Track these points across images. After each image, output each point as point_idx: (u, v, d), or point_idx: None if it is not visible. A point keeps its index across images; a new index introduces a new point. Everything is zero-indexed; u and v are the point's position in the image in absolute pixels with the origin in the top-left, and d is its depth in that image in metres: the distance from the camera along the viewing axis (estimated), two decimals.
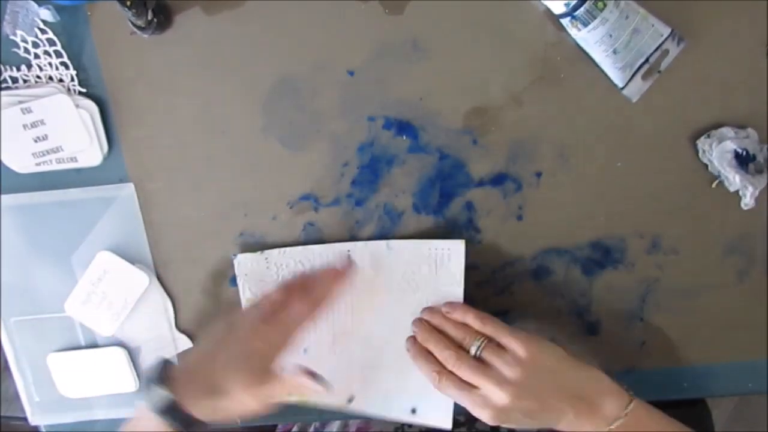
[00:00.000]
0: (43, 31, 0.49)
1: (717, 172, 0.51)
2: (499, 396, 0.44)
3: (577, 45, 0.48)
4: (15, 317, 0.57)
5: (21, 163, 0.52)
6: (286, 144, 0.52)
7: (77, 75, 0.50)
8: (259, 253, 0.53)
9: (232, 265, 0.54)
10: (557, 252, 0.54)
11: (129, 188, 0.53)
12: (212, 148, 0.52)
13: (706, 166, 0.51)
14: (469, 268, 0.54)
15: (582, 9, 0.45)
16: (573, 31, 0.47)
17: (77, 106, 0.50)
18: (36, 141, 0.51)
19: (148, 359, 0.58)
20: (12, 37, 0.49)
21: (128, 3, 0.44)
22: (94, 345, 0.57)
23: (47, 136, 0.51)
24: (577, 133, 0.51)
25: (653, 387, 0.57)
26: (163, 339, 0.57)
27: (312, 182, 0.53)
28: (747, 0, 0.48)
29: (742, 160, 0.50)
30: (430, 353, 0.48)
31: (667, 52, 0.48)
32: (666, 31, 0.48)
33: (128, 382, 0.58)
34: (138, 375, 0.58)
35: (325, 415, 0.60)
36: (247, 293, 0.54)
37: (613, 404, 0.46)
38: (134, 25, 0.47)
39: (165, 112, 0.52)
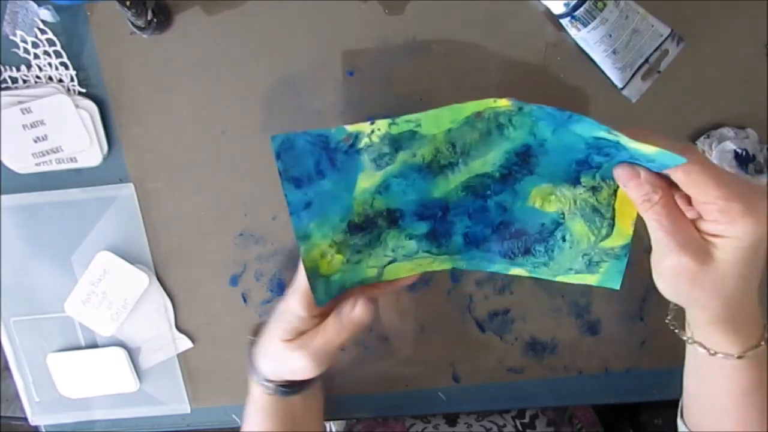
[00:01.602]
0: (42, 31, 0.49)
1: None
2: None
3: (577, 45, 0.48)
4: (15, 317, 0.57)
5: (21, 163, 0.52)
6: None
7: (77, 75, 0.50)
8: None
9: (232, 264, 0.54)
10: None
11: (129, 188, 0.53)
12: (212, 148, 0.52)
13: None
14: None
15: (582, 9, 0.45)
16: (573, 31, 0.47)
17: (77, 106, 0.50)
18: (36, 141, 0.51)
19: (148, 359, 0.58)
20: (12, 38, 0.49)
21: (128, 3, 0.44)
22: (94, 345, 0.57)
23: (47, 137, 0.51)
24: None
25: (653, 387, 0.57)
26: (163, 339, 0.57)
27: None
28: (747, 0, 0.48)
29: (742, 161, 0.50)
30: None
31: (666, 52, 0.48)
32: (666, 31, 0.48)
33: (128, 382, 0.58)
34: (138, 375, 0.58)
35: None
36: None
37: (741, 333, 0.40)
38: (134, 25, 0.47)
39: (165, 112, 0.52)
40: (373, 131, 0.37)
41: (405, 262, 0.45)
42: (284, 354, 0.44)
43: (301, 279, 0.44)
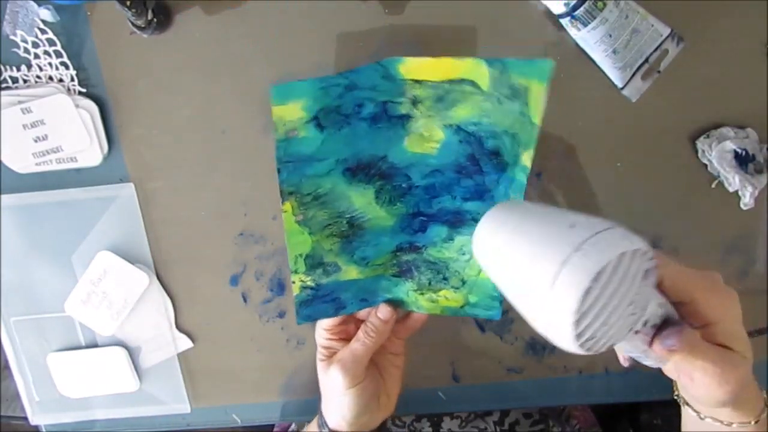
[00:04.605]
0: (43, 31, 0.49)
1: (716, 172, 0.51)
2: None
3: (577, 45, 0.48)
4: (15, 317, 0.57)
5: (21, 163, 0.52)
6: None
7: (77, 75, 0.50)
8: None
9: (232, 264, 0.54)
10: None
11: (129, 188, 0.53)
12: (212, 148, 0.52)
13: (706, 166, 0.51)
14: None
15: (582, 9, 0.45)
16: (573, 31, 0.47)
17: (77, 106, 0.50)
18: (36, 141, 0.51)
19: (148, 359, 0.58)
20: (12, 37, 0.49)
21: (128, 3, 0.44)
22: (94, 345, 0.57)
23: (47, 136, 0.51)
24: (577, 134, 0.51)
25: (653, 387, 0.57)
26: (163, 339, 0.57)
27: None
28: (747, 0, 0.48)
29: (742, 160, 0.50)
30: None
31: (666, 51, 0.48)
32: (665, 30, 0.48)
33: (128, 382, 0.58)
34: (138, 375, 0.58)
35: None
36: None
37: (752, 403, 0.42)
38: (134, 25, 0.47)
39: (165, 112, 0.52)
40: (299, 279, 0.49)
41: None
42: (323, 376, 0.48)
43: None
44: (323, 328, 0.49)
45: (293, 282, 0.48)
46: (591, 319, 0.32)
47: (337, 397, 0.48)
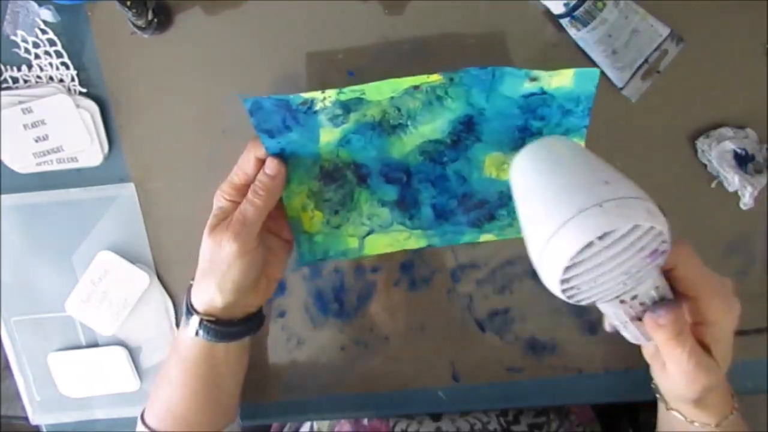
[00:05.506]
0: (43, 31, 0.49)
1: (716, 172, 0.51)
2: None
3: (577, 45, 0.48)
4: (16, 317, 0.57)
5: (21, 163, 0.52)
6: None
7: (77, 75, 0.50)
8: None
9: None
10: None
11: (129, 188, 0.53)
12: (212, 148, 0.52)
13: (705, 166, 0.51)
14: (469, 267, 0.54)
15: (581, 9, 0.45)
16: (572, 31, 0.47)
17: (78, 106, 0.50)
18: (36, 141, 0.51)
19: (149, 358, 0.58)
20: (12, 37, 0.49)
21: (129, 3, 0.44)
22: (94, 344, 0.58)
23: (48, 136, 0.51)
24: None
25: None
26: (164, 338, 0.57)
27: None
28: (747, 0, 0.48)
29: (741, 160, 0.50)
30: None
31: (666, 52, 0.48)
32: (665, 31, 0.48)
33: (129, 382, 0.58)
34: (139, 374, 0.58)
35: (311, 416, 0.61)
36: None
37: (717, 407, 0.44)
38: (134, 25, 0.47)
39: (165, 112, 0.52)
40: (324, 98, 0.43)
41: (382, 234, 0.50)
42: (209, 243, 0.45)
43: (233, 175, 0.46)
44: (230, 184, 0.45)
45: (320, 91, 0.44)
46: (582, 270, 0.33)
47: (223, 267, 0.44)
